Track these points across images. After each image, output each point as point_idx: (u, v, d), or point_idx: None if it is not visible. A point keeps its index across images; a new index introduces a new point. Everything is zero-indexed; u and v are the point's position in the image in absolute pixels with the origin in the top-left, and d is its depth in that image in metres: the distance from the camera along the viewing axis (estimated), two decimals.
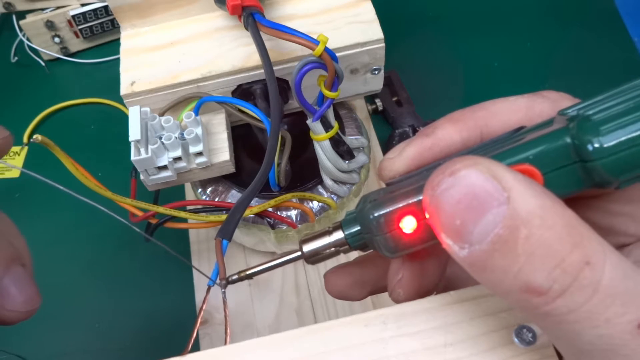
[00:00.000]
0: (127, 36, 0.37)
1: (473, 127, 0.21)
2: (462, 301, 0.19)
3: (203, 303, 0.23)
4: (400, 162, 0.21)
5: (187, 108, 0.35)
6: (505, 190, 0.14)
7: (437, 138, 0.21)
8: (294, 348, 0.18)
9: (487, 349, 0.18)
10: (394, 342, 0.18)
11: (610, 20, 0.59)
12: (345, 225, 0.21)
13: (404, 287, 0.21)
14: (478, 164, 0.15)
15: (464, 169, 0.15)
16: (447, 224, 0.15)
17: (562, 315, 0.14)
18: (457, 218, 0.15)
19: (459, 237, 0.15)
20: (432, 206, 0.16)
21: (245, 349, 0.18)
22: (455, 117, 0.21)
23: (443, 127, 0.21)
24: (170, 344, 0.42)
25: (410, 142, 0.21)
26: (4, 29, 0.63)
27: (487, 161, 0.15)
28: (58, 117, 0.58)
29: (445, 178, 0.15)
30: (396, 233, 0.19)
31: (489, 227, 0.14)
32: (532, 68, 0.56)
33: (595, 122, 0.16)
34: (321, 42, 0.29)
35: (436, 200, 0.15)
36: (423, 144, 0.21)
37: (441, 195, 0.15)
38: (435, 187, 0.15)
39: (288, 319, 0.41)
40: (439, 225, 0.16)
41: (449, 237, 0.15)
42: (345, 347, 0.18)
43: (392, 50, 0.37)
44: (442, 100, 0.54)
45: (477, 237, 0.15)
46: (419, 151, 0.21)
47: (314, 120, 0.33)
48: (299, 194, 0.38)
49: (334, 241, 0.21)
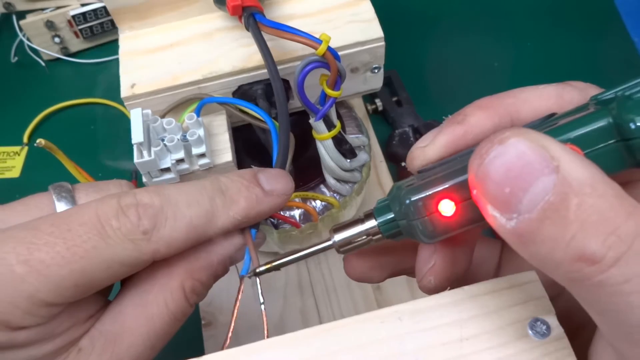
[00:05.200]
0: (126, 38, 0.37)
1: (504, 114, 0.20)
2: (476, 296, 0.19)
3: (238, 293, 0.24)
4: (433, 150, 0.21)
5: (189, 109, 0.35)
6: (554, 160, 0.14)
7: (470, 125, 0.20)
8: (311, 346, 0.18)
9: (502, 342, 0.18)
10: (410, 338, 0.18)
11: (610, 20, 0.59)
12: (377, 213, 0.21)
13: (436, 274, 0.21)
14: (526, 133, 0.15)
15: (513, 137, 0.15)
16: (495, 194, 0.15)
17: (617, 285, 0.14)
18: (507, 186, 0.15)
19: (508, 206, 0.15)
20: (481, 175, 0.15)
21: (262, 348, 0.18)
22: (485, 103, 0.21)
23: (474, 114, 0.21)
24: (171, 344, 0.42)
25: (442, 130, 0.21)
26: (4, 29, 0.63)
27: (534, 132, 0.15)
28: (58, 117, 0.58)
29: (495, 146, 0.15)
30: (435, 217, 0.18)
31: (539, 194, 0.14)
32: (532, 68, 0.56)
33: (637, 101, 0.16)
34: (324, 41, 0.29)
35: (485, 169, 0.15)
36: (455, 131, 0.20)
37: (490, 164, 0.15)
38: (484, 156, 0.15)
39: (293, 319, 0.41)
40: (486, 197, 0.15)
41: (496, 208, 0.15)
42: (362, 344, 0.18)
43: (392, 50, 0.37)
44: (442, 100, 0.54)
45: (527, 205, 0.14)
46: (452, 139, 0.20)
47: (316, 120, 0.33)
48: (301, 194, 0.38)
49: (366, 229, 0.21)
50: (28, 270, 0.19)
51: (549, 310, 0.18)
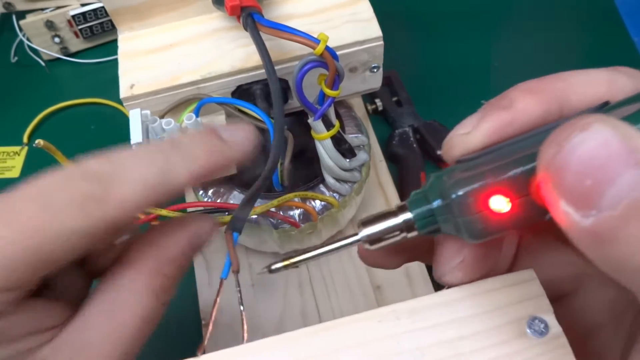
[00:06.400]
0: (125, 39, 0.37)
1: (554, 100, 0.18)
2: (473, 294, 0.19)
3: (217, 296, 0.23)
4: (477, 138, 0.18)
5: (188, 110, 0.35)
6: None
7: (517, 111, 0.18)
8: (309, 346, 0.18)
9: (500, 341, 0.18)
10: (408, 336, 0.18)
11: (610, 20, 0.59)
12: (413, 206, 0.18)
13: (466, 270, 0.19)
14: (610, 120, 0.13)
15: (596, 122, 0.13)
16: (573, 186, 0.13)
17: None
18: (589, 177, 0.13)
19: (586, 201, 0.13)
20: (558, 165, 0.14)
21: (259, 347, 0.18)
22: (533, 87, 0.19)
23: (522, 98, 0.18)
24: (171, 344, 0.42)
25: (485, 115, 0.18)
26: (4, 29, 0.63)
27: (616, 120, 0.14)
28: (58, 117, 0.58)
29: (576, 132, 0.13)
30: (486, 214, 0.16)
31: (625, 190, 0.13)
32: (532, 68, 0.56)
33: None
34: (322, 40, 0.29)
35: (564, 157, 0.14)
36: (501, 117, 0.18)
37: (572, 152, 0.13)
38: (564, 143, 0.14)
39: (293, 319, 0.41)
40: (560, 190, 0.14)
41: (571, 203, 0.13)
42: (359, 343, 0.18)
43: (391, 50, 0.37)
44: (442, 100, 0.54)
45: (610, 200, 0.13)
46: (498, 126, 0.18)
47: (315, 119, 0.33)
48: (301, 194, 0.38)
49: (400, 223, 0.18)
50: None
51: (547, 309, 0.18)
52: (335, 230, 0.42)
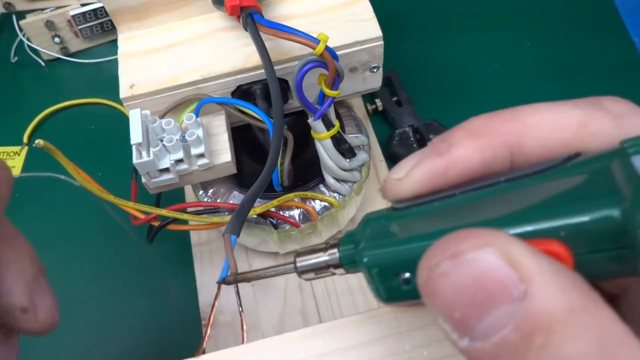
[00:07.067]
0: (125, 39, 0.37)
1: (501, 146, 0.16)
2: None
3: (215, 299, 0.23)
4: (407, 187, 0.17)
5: (188, 110, 0.35)
6: (524, 282, 0.12)
7: (452, 160, 0.16)
8: (309, 346, 0.18)
9: None
10: (407, 336, 0.18)
11: (610, 20, 0.59)
12: (342, 245, 0.18)
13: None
14: (491, 244, 0.12)
15: (471, 251, 0.12)
16: (444, 313, 0.13)
17: None
18: (457, 310, 0.12)
19: (460, 327, 0.12)
20: (427, 290, 0.13)
21: (259, 347, 0.18)
22: (478, 129, 0.16)
23: (461, 143, 0.16)
24: (172, 344, 0.42)
25: (420, 161, 0.17)
26: (4, 29, 0.63)
27: (504, 239, 0.12)
28: (58, 117, 0.58)
29: (445, 261, 0.12)
30: (393, 285, 0.16)
31: (497, 325, 0.12)
32: (532, 68, 0.56)
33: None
34: (322, 40, 0.29)
35: (432, 285, 0.13)
36: (434, 166, 0.16)
37: (438, 281, 0.13)
38: (433, 269, 0.13)
39: (293, 319, 0.41)
40: (435, 312, 0.13)
41: (448, 322, 0.13)
42: (359, 343, 0.18)
43: (391, 50, 0.37)
44: (442, 100, 0.54)
45: (480, 333, 0.12)
46: (430, 174, 0.16)
47: (315, 119, 0.33)
48: (301, 194, 0.38)
49: (327, 260, 0.18)
50: None
51: None
52: (335, 230, 0.42)
